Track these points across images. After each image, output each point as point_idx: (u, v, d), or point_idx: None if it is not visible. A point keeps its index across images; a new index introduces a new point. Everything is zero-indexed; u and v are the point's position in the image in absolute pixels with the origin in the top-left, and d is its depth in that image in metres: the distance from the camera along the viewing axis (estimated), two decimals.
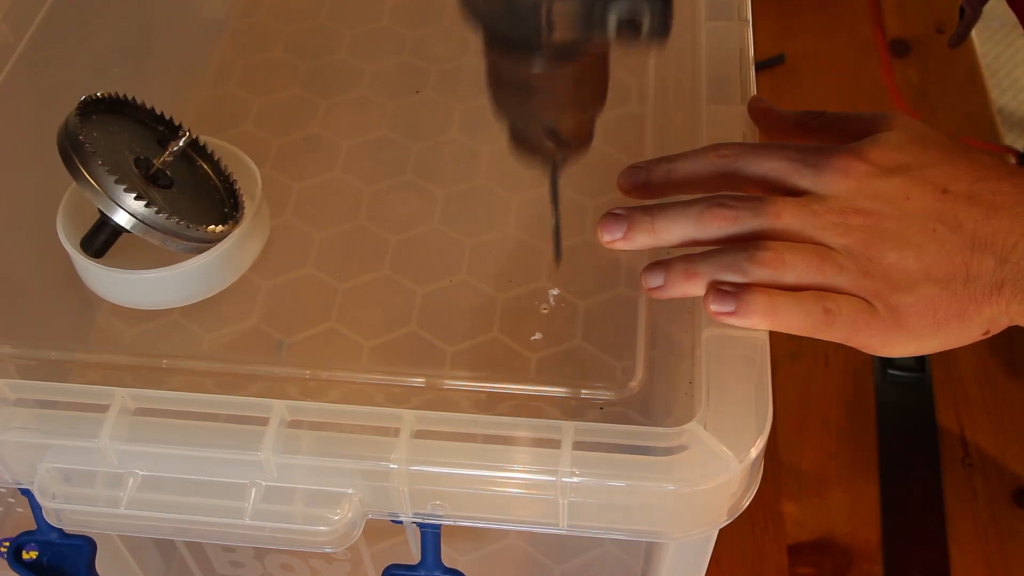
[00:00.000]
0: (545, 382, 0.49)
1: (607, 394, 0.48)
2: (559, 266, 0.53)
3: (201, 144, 0.54)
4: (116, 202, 0.48)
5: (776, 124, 0.53)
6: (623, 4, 0.40)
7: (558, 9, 0.40)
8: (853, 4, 1.09)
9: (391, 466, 0.43)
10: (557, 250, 0.52)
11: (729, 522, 0.44)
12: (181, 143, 0.52)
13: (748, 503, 0.44)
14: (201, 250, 0.50)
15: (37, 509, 0.47)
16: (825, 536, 0.73)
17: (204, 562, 0.64)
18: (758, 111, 0.54)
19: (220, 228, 0.50)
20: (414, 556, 0.48)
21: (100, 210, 0.49)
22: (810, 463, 0.76)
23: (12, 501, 0.59)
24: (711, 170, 0.48)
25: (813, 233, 0.45)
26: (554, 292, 0.52)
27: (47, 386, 0.47)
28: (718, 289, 0.44)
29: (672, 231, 0.46)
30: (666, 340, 0.49)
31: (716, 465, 0.42)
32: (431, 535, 0.47)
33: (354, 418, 0.45)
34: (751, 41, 0.59)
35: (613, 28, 0.40)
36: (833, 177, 0.45)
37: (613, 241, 0.47)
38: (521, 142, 0.46)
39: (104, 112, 0.51)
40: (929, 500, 0.74)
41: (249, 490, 0.44)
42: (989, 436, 0.77)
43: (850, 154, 0.46)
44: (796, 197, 0.46)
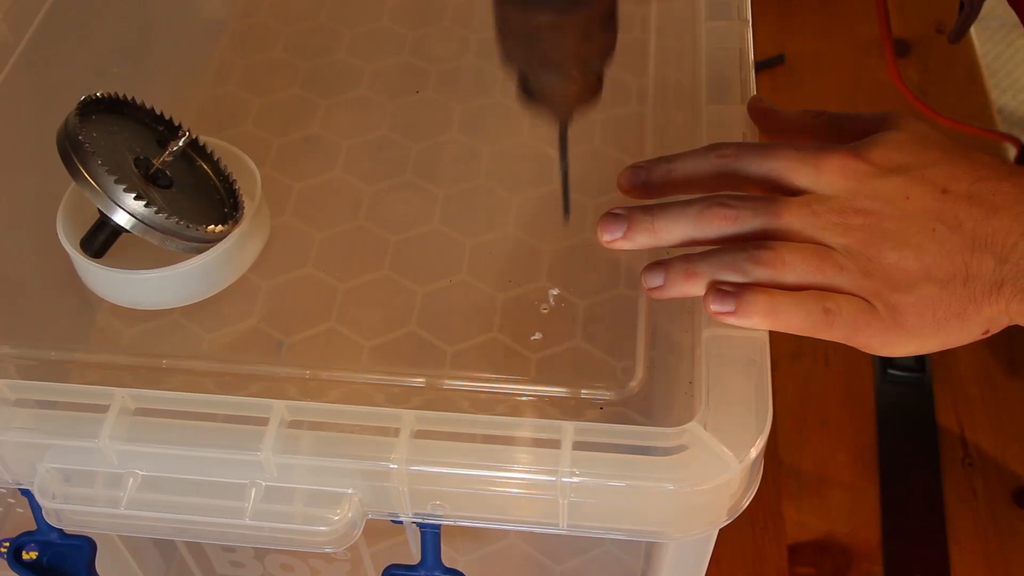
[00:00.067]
0: (545, 382, 0.49)
1: (607, 394, 0.48)
2: (567, 222, 0.52)
3: (201, 144, 0.54)
4: (116, 202, 0.48)
5: (776, 124, 0.53)
6: None
7: None
8: (853, 4, 1.09)
9: (391, 466, 0.43)
10: (566, 204, 0.51)
11: (729, 522, 0.44)
12: (181, 143, 0.52)
13: (748, 503, 0.44)
14: (201, 250, 0.50)
15: (37, 509, 0.47)
16: (825, 536, 0.73)
17: (204, 562, 0.64)
18: (758, 111, 0.54)
19: (220, 228, 0.50)
20: (414, 556, 0.48)
21: (100, 210, 0.49)
22: (810, 463, 0.76)
23: (12, 501, 0.59)
24: (711, 170, 0.48)
25: (813, 233, 0.45)
26: (554, 292, 0.52)
27: (47, 386, 0.47)
28: (718, 289, 0.44)
29: (672, 231, 0.46)
30: (666, 340, 0.49)
31: (716, 465, 0.42)
32: (431, 535, 0.47)
33: (354, 418, 0.45)
34: (751, 41, 0.59)
35: None
36: (833, 177, 0.45)
37: (613, 241, 0.47)
38: (530, 92, 0.46)
39: (104, 112, 0.51)
40: (929, 500, 0.74)
41: (249, 490, 0.44)
42: (989, 436, 0.77)
43: (850, 154, 0.46)
44: (796, 197, 0.46)
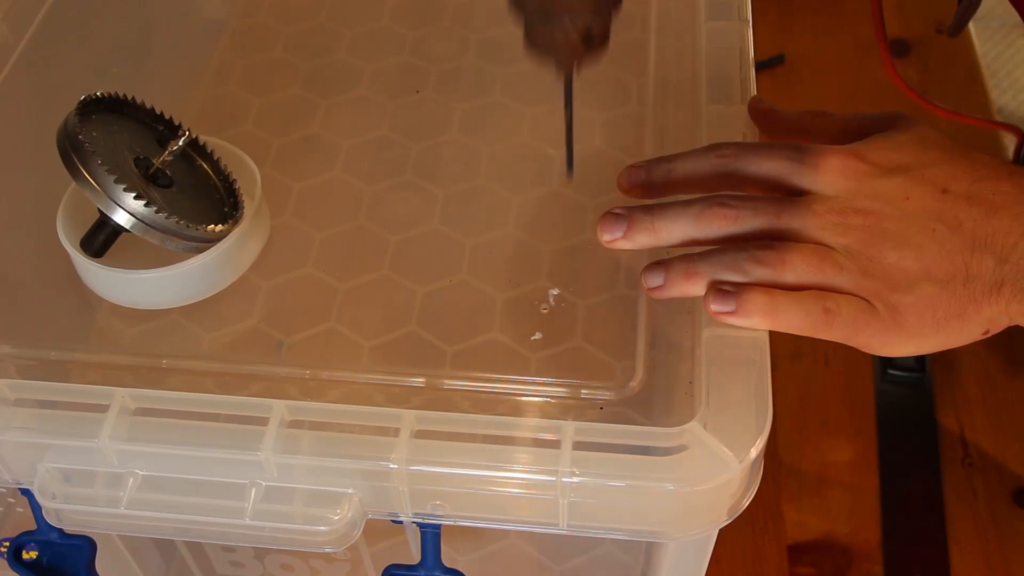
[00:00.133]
0: (545, 382, 0.49)
1: (607, 394, 0.48)
2: (571, 178, 0.52)
3: (201, 144, 0.54)
4: (116, 202, 0.48)
5: (776, 124, 0.53)
6: None
7: None
8: (853, 4, 1.09)
9: (391, 466, 0.43)
10: (569, 159, 0.50)
11: (729, 522, 0.44)
12: (181, 143, 0.52)
13: (748, 503, 0.44)
14: (201, 250, 0.50)
15: (37, 509, 0.47)
16: (825, 536, 0.73)
17: (204, 562, 0.64)
18: (758, 111, 0.54)
19: (220, 228, 0.50)
20: (414, 556, 0.48)
21: (100, 210, 0.49)
22: (810, 463, 0.76)
23: (12, 501, 0.59)
24: (711, 170, 0.48)
25: (813, 233, 0.45)
26: (554, 292, 0.52)
27: (47, 386, 0.47)
28: (718, 289, 0.44)
29: (672, 230, 0.46)
30: (666, 340, 0.49)
31: (716, 465, 0.42)
32: (431, 535, 0.47)
33: (354, 418, 0.45)
34: (751, 41, 0.59)
35: None
36: (833, 177, 0.45)
37: (613, 240, 0.47)
38: (536, 43, 0.46)
39: (104, 112, 0.51)
40: (929, 500, 0.74)
41: (249, 490, 0.44)
42: (989, 436, 0.77)
43: (850, 154, 0.46)
44: (796, 197, 0.46)
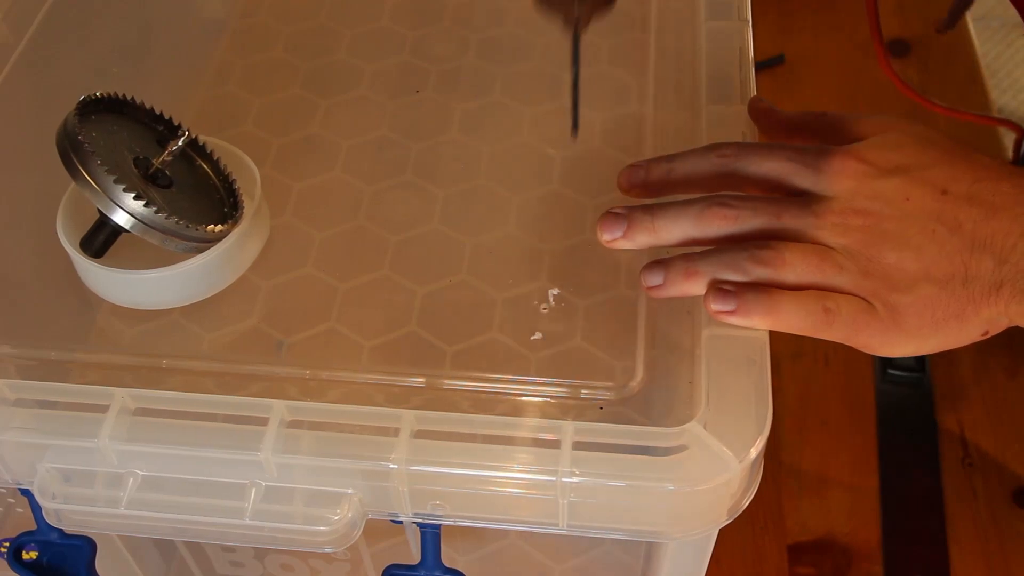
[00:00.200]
0: (545, 382, 0.49)
1: (607, 394, 0.48)
2: (575, 138, 0.51)
3: (200, 144, 0.54)
4: (115, 202, 0.48)
5: (776, 125, 0.53)
6: None
7: None
8: (853, 4, 1.09)
9: (391, 466, 0.43)
10: (574, 119, 0.49)
11: (729, 522, 0.44)
12: (180, 143, 0.52)
13: (748, 503, 0.44)
14: (201, 250, 0.50)
15: (37, 509, 0.47)
16: (825, 536, 0.73)
17: (204, 562, 0.64)
18: (758, 111, 0.54)
19: (220, 228, 0.50)
20: (414, 556, 0.48)
21: (99, 210, 0.49)
22: (810, 463, 0.76)
23: (12, 501, 0.59)
24: (711, 170, 0.48)
25: (813, 233, 0.45)
26: (554, 292, 0.52)
27: (47, 386, 0.47)
28: (718, 288, 0.44)
29: (672, 230, 0.46)
30: (666, 340, 0.49)
31: (716, 465, 0.42)
32: (431, 535, 0.47)
33: (354, 418, 0.45)
34: (751, 41, 0.59)
35: None
36: (833, 178, 0.45)
37: (613, 240, 0.47)
38: None
39: (103, 112, 0.51)
40: (929, 500, 0.74)
41: (249, 490, 0.44)
42: (989, 436, 0.77)
43: (850, 155, 0.46)
44: (796, 197, 0.46)
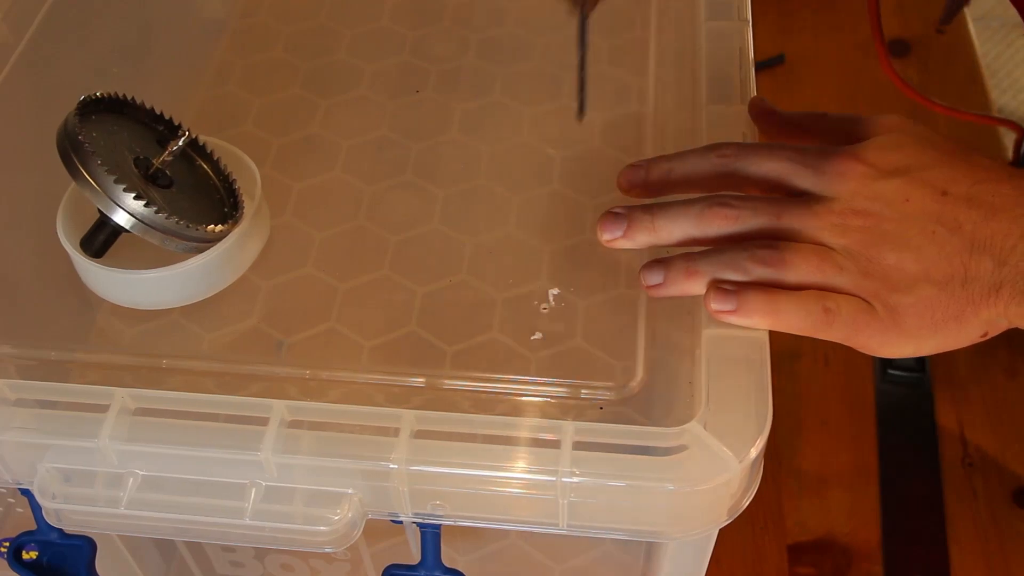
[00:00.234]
0: (545, 382, 0.49)
1: (607, 394, 0.48)
2: (581, 120, 0.50)
3: (201, 144, 0.54)
4: (116, 202, 0.48)
5: (777, 125, 0.53)
6: None
7: None
8: (853, 4, 1.09)
9: (391, 466, 0.43)
10: (581, 102, 0.49)
11: (729, 522, 0.44)
12: (180, 143, 0.52)
13: (748, 503, 0.44)
14: (201, 250, 0.50)
15: (37, 509, 0.47)
16: (825, 536, 0.73)
17: (204, 562, 0.64)
18: (759, 111, 0.54)
19: (220, 228, 0.50)
20: (414, 556, 0.48)
21: (100, 210, 0.49)
22: (810, 463, 0.76)
23: (12, 501, 0.59)
24: (711, 170, 0.48)
25: (813, 233, 0.45)
26: (554, 292, 0.52)
27: (47, 386, 0.47)
28: (719, 287, 0.44)
29: (672, 230, 0.46)
30: (666, 340, 0.49)
31: (716, 465, 0.42)
32: (431, 535, 0.47)
33: (354, 418, 0.45)
34: (751, 41, 0.59)
35: None
36: (833, 178, 0.45)
37: (613, 240, 0.47)
38: None
39: (104, 112, 0.51)
40: (929, 500, 0.74)
41: (249, 490, 0.44)
42: (989, 436, 0.77)
43: (850, 156, 0.46)
44: (796, 198, 0.46)
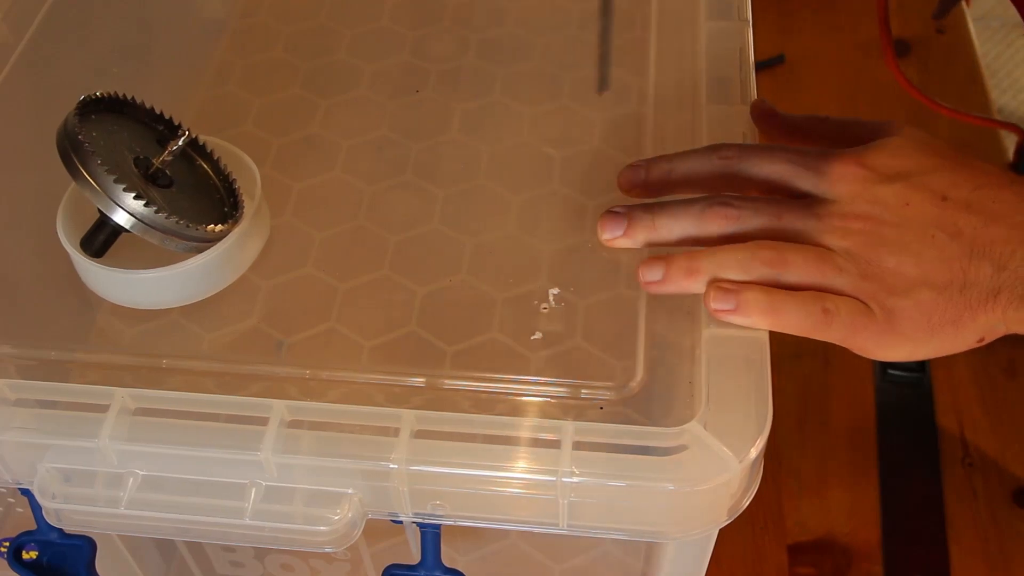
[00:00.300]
0: (545, 382, 0.49)
1: (607, 394, 0.48)
2: (602, 94, 0.50)
3: (201, 143, 0.54)
4: (115, 202, 0.48)
5: (779, 128, 0.53)
6: None
7: None
8: (853, 4, 1.09)
9: (391, 466, 0.43)
10: (603, 76, 0.48)
11: (729, 522, 0.44)
12: (180, 142, 0.52)
13: (748, 503, 0.44)
14: (201, 250, 0.50)
15: (37, 509, 0.47)
16: (825, 536, 0.73)
17: (204, 562, 0.64)
18: (761, 114, 0.54)
19: (220, 227, 0.50)
20: (414, 556, 0.48)
21: (99, 210, 0.49)
22: (810, 463, 0.76)
23: (12, 501, 0.59)
24: (712, 170, 0.48)
25: (814, 235, 0.45)
26: (554, 292, 0.52)
27: (47, 386, 0.47)
28: (719, 286, 0.44)
29: (673, 229, 0.46)
30: (666, 340, 0.49)
31: (716, 465, 0.42)
32: (431, 535, 0.47)
33: (354, 418, 0.45)
34: (751, 41, 0.59)
35: None
36: (834, 181, 0.46)
37: (613, 239, 0.47)
38: None
39: (103, 112, 0.51)
40: (929, 500, 0.74)
41: (249, 490, 0.44)
42: (989, 436, 0.77)
43: (851, 159, 0.46)
44: (798, 200, 0.46)
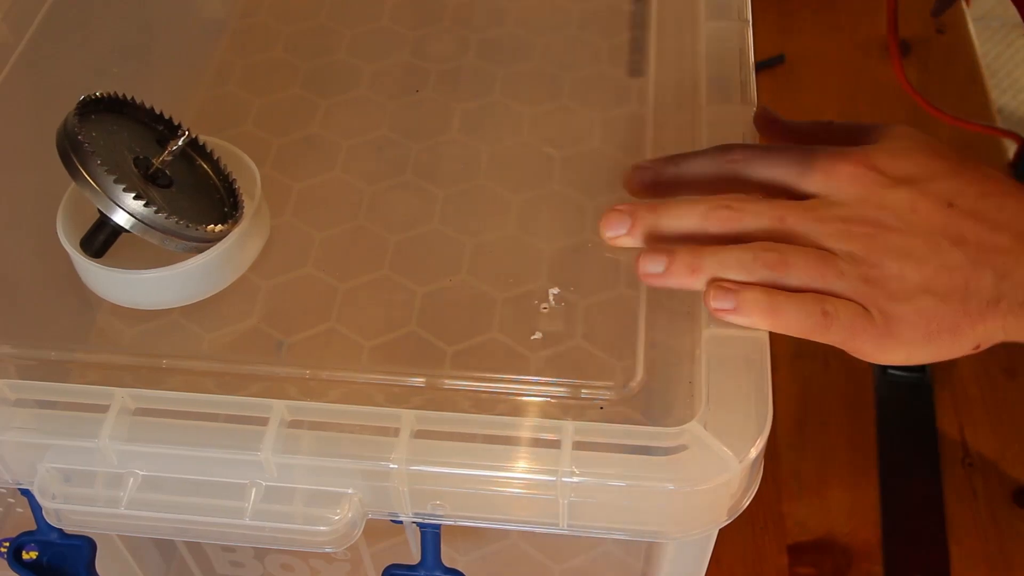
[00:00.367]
0: (545, 382, 0.49)
1: (607, 394, 0.48)
2: (634, 78, 0.49)
3: (200, 143, 0.54)
4: (115, 202, 0.48)
5: (782, 134, 0.53)
6: None
7: None
8: (853, 4, 1.09)
9: (391, 466, 0.43)
10: (635, 62, 0.48)
11: (729, 522, 0.44)
12: (180, 143, 0.52)
13: (748, 503, 0.44)
14: (201, 250, 0.50)
15: (37, 509, 0.47)
16: (825, 536, 0.73)
17: (204, 562, 0.64)
18: (765, 121, 0.54)
19: (220, 228, 0.50)
20: (414, 556, 0.48)
21: (99, 210, 0.49)
22: (810, 463, 0.76)
23: (12, 501, 0.59)
24: (718, 172, 0.48)
25: (817, 238, 0.45)
26: (554, 292, 0.52)
27: (47, 386, 0.47)
28: (719, 285, 0.44)
29: (676, 229, 0.46)
30: (666, 340, 0.49)
31: (716, 465, 0.42)
32: (431, 535, 0.47)
33: (354, 418, 0.45)
34: (751, 41, 0.59)
35: None
36: (841, 184, 0.45)
37: (616, 237, 0.47)
38: None
39: (103, 112, 0.51)
40: (929, 500, 0.74)
41: (249, 490, 0.44)
42: (989, 436, 0.77)
43: (859, 162, 0.46)
44: (803, 201, 0.46)
